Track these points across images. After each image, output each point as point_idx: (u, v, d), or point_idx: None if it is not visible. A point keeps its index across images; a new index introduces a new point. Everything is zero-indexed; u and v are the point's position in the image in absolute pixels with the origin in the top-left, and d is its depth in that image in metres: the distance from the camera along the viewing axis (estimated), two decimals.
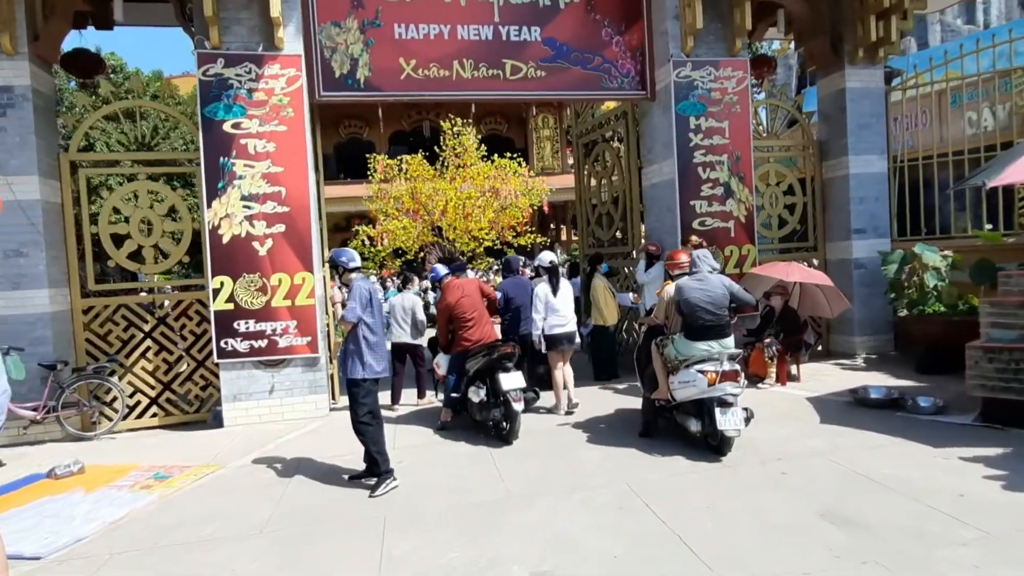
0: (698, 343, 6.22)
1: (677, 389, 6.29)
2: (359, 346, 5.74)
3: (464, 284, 7.52)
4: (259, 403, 8.19)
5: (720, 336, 6.25)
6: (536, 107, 34.57)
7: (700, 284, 6.30)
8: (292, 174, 8.15)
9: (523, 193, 20.88)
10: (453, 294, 7.41)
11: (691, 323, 6.22)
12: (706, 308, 6.19)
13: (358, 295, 5.71)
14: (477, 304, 7.42)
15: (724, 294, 6.29)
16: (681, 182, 9.20)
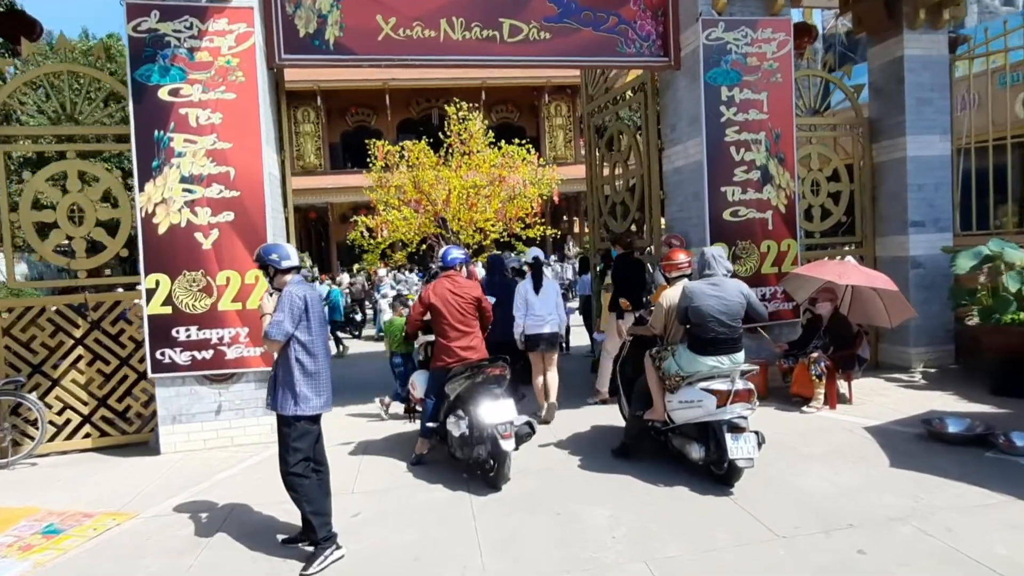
0: (706, 358, 5.25)
1: (677, 410, 5.38)
2: (290, 372, 4.29)
3: (462, 284, 6.03)
4: (203, 426, 6.76)
5: (732, 350, 5.30)
6: (548, 94, 33.03)
7: (715, 290, 5.27)
8: (243, 151, 6.68)
9: (532, 182, 19.33)
10: (442, 292, 5.94)
11: (700, 335, 5.24)
12: (720, 319, 5.20)
13: (288, 304, 4.24)
14: (468, 313, 5.95)
15: (741, 303, 5.31)
16: (710, 165, 7.65)
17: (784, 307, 7.93)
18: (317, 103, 31.97)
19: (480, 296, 6.02)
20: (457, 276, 6.06)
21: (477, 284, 6.21)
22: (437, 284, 6.07)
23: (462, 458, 5.54)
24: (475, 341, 5.91)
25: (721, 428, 5.01)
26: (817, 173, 8.74)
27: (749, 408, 5.09)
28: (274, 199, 7.15)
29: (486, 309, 6.07)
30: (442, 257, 6.17)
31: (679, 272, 5.75)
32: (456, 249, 6.21)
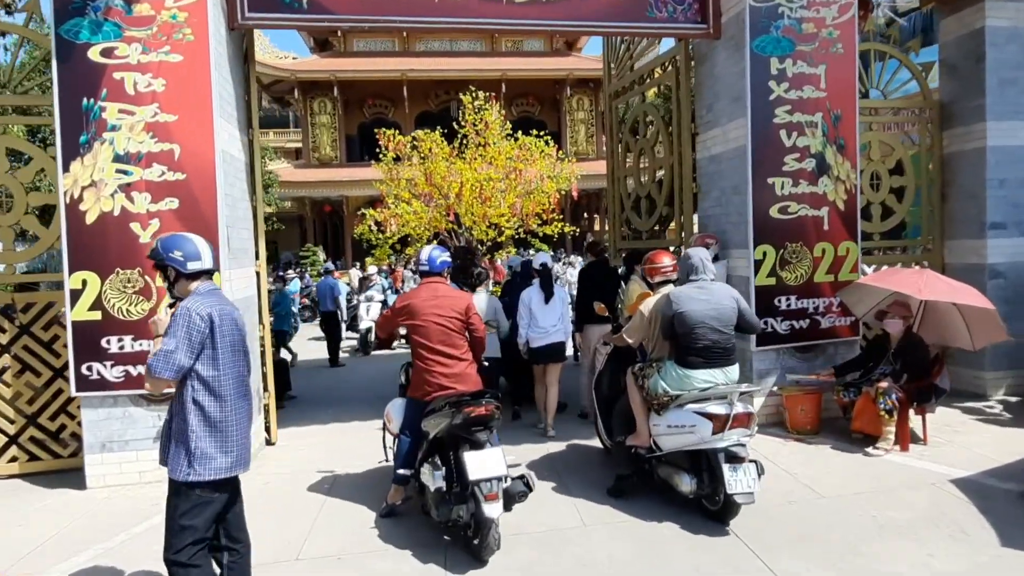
0: (697, 372, 4.55)
1: (665, 435, 4.62)
2: (184, 421, 3.04)
3: (448, 296, 4.73)
4: (139, 455, 5.54)
5: (725, 362, 4.62)
6: (570, 86, 31.66)
7: (703, 295, 4.63)
8: (190, 126, 5.44)
9: (550, 176, 17.96)
10: (422, 304, 4.66)
11: (688, 345, 4.56)
12: (711, 326, 4.55)
13: (185, 326, 2.99)
14: (454, 331, 4.65)
15: (732, 308, 4.68)
16: (756, 152, 6.28)
17: (840, 323, 6.54)
18: (334, 94, 30.87)
19: (470, 312, 4.72)
20: (441, 285, 4.79)
21: (467, 296, 4.88)
22: (417, 293, 4.79)
23: (439, 519, 4.24)
24: (461, 367, 4.62)
25: (717, 458, 4.30)
26: (879, 164, 7.33)
27: (748, 434, 4.41)
28: (232, 185, 5.90)
29: (477, 329, 4.77)
30: (425, 261, 4.86)
31: (663, 277, 5.01)
32: (440, 251, 4.91)
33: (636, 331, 4.93)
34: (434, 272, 4.80)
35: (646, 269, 5.14)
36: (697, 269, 4.69)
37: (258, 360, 6.55)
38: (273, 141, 38.57)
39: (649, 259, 5.10)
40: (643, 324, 4.85)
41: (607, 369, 5.73)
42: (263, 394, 6.65)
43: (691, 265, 4.71)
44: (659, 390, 4.60)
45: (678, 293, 4.61)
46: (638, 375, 4.85)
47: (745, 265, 6.41)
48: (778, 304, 6.40)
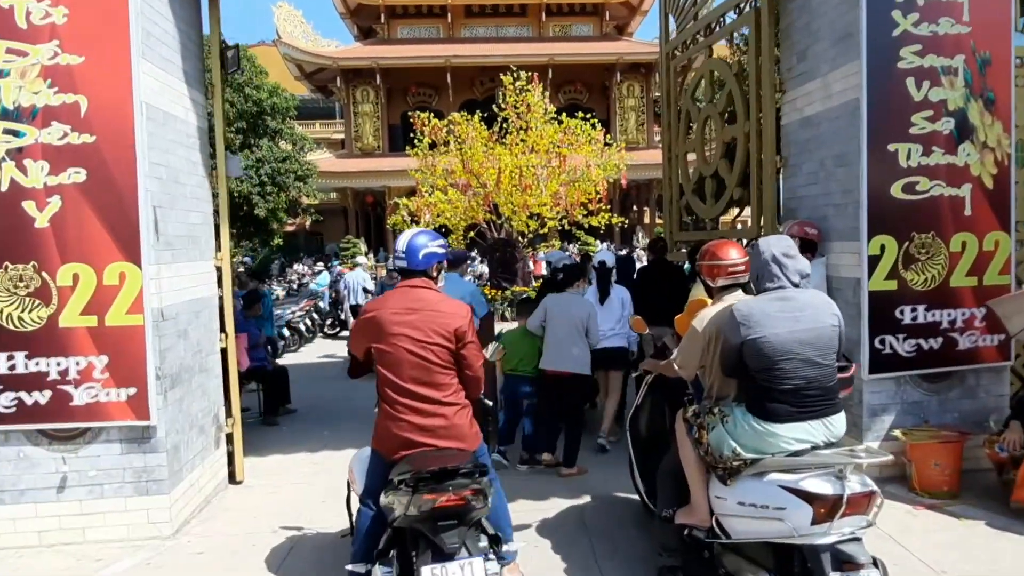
0: (785, 427, 2.88)
1: (735, 516, 3.00)
2: None
3: (432, 306, 3.13)
4: (39, 509, 4.11)
5: (827, 410, 2.94)
6: (620, 72, 29.77)
7: (788, 310, 2.94)
8: (102, 71, 3.98)
9: (597, 164, 16.20)
10: (391, 317, 3.09)
11: (770, 386, 2.91)
12: (805, 357, 2.90)
13: None
14: (436, 363, 3.08)
15: (834, 328, 3.00)
16: (873, 108, 4.50)
17: (984, 342, 4.73)
18: (376, 82, 29.59)
19: (463, 335, 3.11)
20: (425, 290, 3.18)
21: (459, 311, 3.18)
22: (385, 301, 3.21)
23: None
24: (442, 415, 3.05)
25: (819, 560, 2.70)
26: None
27: (867, 524, 2.78)
28: (169, 153, 4.41)
29: (469, 357, 3.15)
30: (402, 251, 3.22)
31: (728, 279, 3.28)
32: (429, 237, 3.27)
33: (690, 356, 3.30)
34: (415, 270, 3.20)
35: (703, 267, 3.38)
36: (771, 269, 2.96)
37: (218, 378, 5.09)
38: (319, 132, 37.63)
39: (709, 252, 3.37)
40: (698, 347, 3.22)
41: (646, 402, 4.20)
42: (225, 421, 5.18)
43: (763, 263, 2.98)
44: (726, 450, 2.99)
45: (748, 309, 2.96)
46: (692, 422, 3.23)
47: (853, 263, 4.66)
48: (899, 316, 4.62)
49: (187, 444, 4.47)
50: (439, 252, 3.24)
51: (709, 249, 3.38)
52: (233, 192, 20.98)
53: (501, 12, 30.95)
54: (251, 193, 21.64)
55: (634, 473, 4.26)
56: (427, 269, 3.20)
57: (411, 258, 3.18)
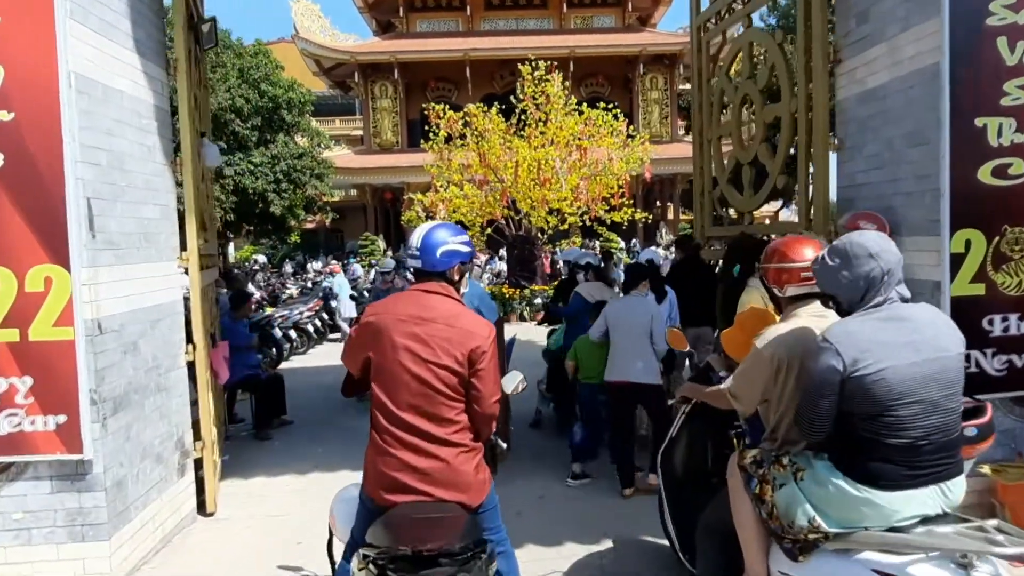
0: (892, 495, 2.07)
1: None
2: None
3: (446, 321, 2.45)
4: None
5: (949, 472, 2.12)
6: (644, 64, 28.78)
7: (904, 332, 2.11)
8: (23, 35, 3.28)
9: (620, 157, 15.34)
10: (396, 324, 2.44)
11: (877, 438, 2.08)
12: (930, 399, 2.08)
13: None
14: (442, 390, 2.38)
15: (960, 355, 2.18)
16: (956, 74, 3.67)
17: None
18: (395, 76, 28.91)
19: (480, 355, 2.42)
20: (442, 297, 2.52)
21: (484, 327, 2.50)
22: (390, 304, 2.56)
23: None
24: (442, 458, 2.38)
25: None
26: None
27: None
28: (114, 135, 3.70)
29: (482, 390, 2.44)
30: (416, 248, 2.54)
31: (804, 286, 2.50)
32: (450, 232, 2.58)
33: (750, 387, 2.53)
34: (431, 271, 2.51)
35: (769, 271, 2.61)
36: (884, 279, 2.17)
37: (183, 397, 4.39)
38: (338, 128, 37.14)
39: (776, 251, 2.59)
40: (763, 376, 2.46)
41: (683, 434, 3.45)
42: (192, 445, 4.49)
43: (866, 272, 2.17)
44: (799, 517, 2.21)
45: (851, 333, 2.15)
46: (752, 472, 2.46)
47: (931, 264, 3.82)
48: (988, 327, 3.77)
49: (137, 478, 3.78)
50: (462, 251, 2.55)
51: (777, 248, 2.61)
52: (248, 189, 20.50)
53: (521, 4, 30.12)
54: (267, 190, 21.07)
55: (665, 517, 3.51)
56: (446, 271, 2.52)
57: (427, 257, 2.49)
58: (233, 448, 6.28)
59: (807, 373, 2.21)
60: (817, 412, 2.15)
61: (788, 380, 2.40)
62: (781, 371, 2.40)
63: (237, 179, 20.40)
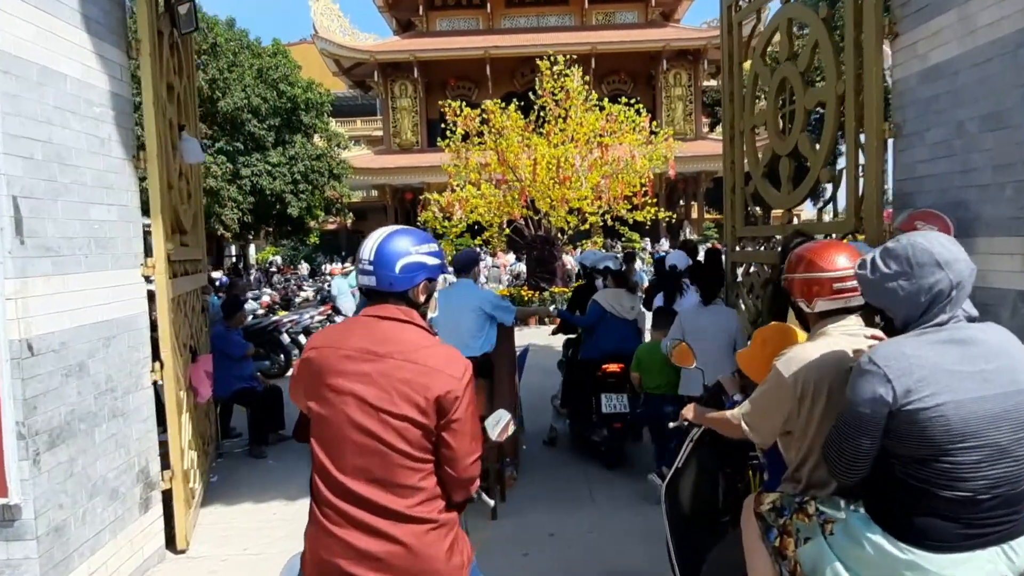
0: (944, 557, 1.65)
1: None
2: None
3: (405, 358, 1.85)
4: None
5: (1015, 532, 1.66)
6: (667, 60, 28.04)
7: (971, 362, 1.68)
8: None
9: (643, 152, 14.67)
10: (338, 363, 1.85)
11: (928, 487, 1.69)
12: (994, 442, 1.64)
13: None
14: (398, 448, 1.79)
15: None
16: None
17: None
18: (414, 75, 28.49)
19: (451, 403, 1.82)
20: (402, 324, 1.93)
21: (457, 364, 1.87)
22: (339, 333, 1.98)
23: None
24: (400, 542, 1.78)
25: None
26: None
27: None
28: (54, 125, 3.18)
29: (456, 447, 1.86)
30: (369, 259, 1.94)
31: (838, 300, 2.08)
32: (411, 239, 1.97)
33: (768, 416, 2.13)
34: (390, 290, 1.94)
35: (794, 282, 2.16)
36: (947, 291, 1.72)
37: (146, 422, 3.88)
38: (360, 129, 36.85)
39: (803, 259, 2.14)
40: (785, 403, 2.06)
41: (690, 465, 2.90)
42: (160, 475, 3.98)
43: (933, 278, 1.73)
44: None
45: (903, 356, 1.72)
46: (771, 522, 2.06)
47: (1012, 269, 3.17)
48: None
49: (84, 519, 3.26)
50: (429, 264, 1.97)
51: (804, 255, 2.14)
52: (265, 190, 20.14)
53: (542, 1, 29.53)
54: (284, 191, 20.72)
55: (671, 556, 2.93)
56: (409, 291, 1.94)
57: (383, 272, 1.91)
58: (225, 467, 5.80)
59: (845, 402, 1.79)
60: (854, 451, 1.75)
61: (815, 410, 2.00)
62: (807, 398, 1.99)
63: (254, 180, 20.06)
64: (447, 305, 4.67)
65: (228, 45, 19.31)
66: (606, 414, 5.30)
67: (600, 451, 5.43)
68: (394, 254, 1.90)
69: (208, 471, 5.35)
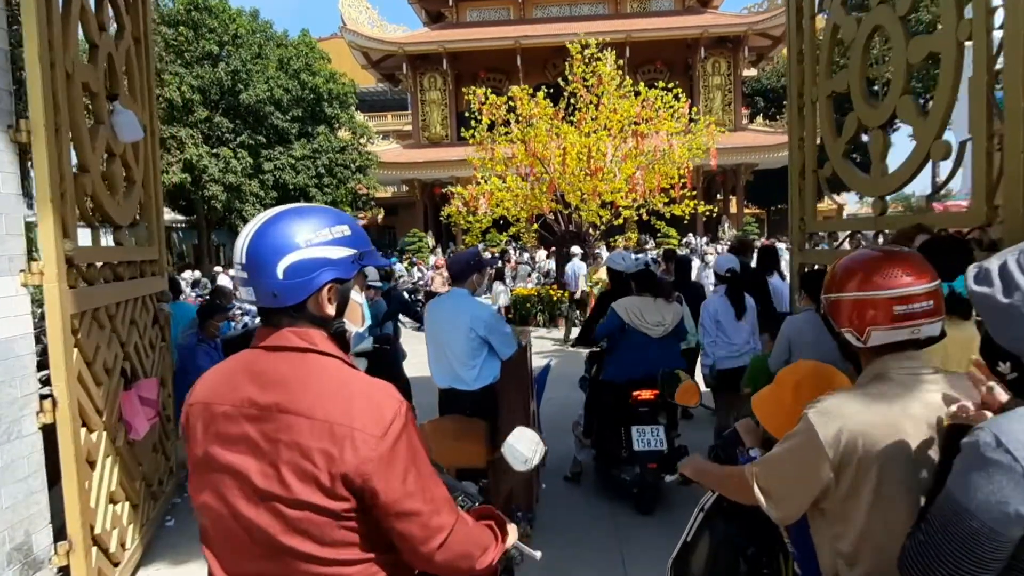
0: None
1: None
2: None
3: (301, 395, 1.24)
4: None
5: None
6: (705, 48, 26.59)
7: None
8: None
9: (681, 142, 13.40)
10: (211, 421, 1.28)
11: None
12: None
13: None
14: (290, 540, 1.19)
15: None
16: None
17: None
18: (443, 67, 27.49)
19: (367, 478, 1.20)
20: (296, 355, 1.29)
21: (381, 415, 1.20)
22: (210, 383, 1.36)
23: None
24: None
25: None
26: None
27: None
28: None
29: (411, 536, 1.25)
30: (247, 255, 1.26)
31: (903, 329, 1.40)
32: (304, 219, 1.29)
33: (790, 484, 1.52)
34: (272, 305, 1.29)
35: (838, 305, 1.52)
36: None
37: (28, 480, 2.88)
38: (391, 124, 36.05)
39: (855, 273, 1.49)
40: (815, 470, 1.43)
41: (702, 539, 2.13)
42: (52, 547, 2.98)
43: None
44: None
45: None
46: None
47: None
48: None
49: None
50: (335, 256, 1.32)
51: (853, 267, 1.52)
52: (288, 184, 19.33)
53: None
54: (308, 185, 19.90)
55: None
56: (306, 301, 1.31)
57: (259, 278, 1.28)
58: (184, 508, 4.80)
59: (946, 503, 1.14)
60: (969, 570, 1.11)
61: (863, 488, 1.42)
62: (848, 468, 1.43)
63: (277, 174, 19.28)
64: (432, 323, 3.61)
65: (252, 37, 18.52)
66: (638, 451, 4.29)
67: (632, 493, 4.41)
68: (274, 250, 1.26)
69: (158, 516, 4.37)
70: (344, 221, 1.34)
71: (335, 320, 1.34)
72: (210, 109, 18.07)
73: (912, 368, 1.46)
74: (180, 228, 23.38)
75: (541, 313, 13.81)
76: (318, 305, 1.30)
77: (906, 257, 1.51)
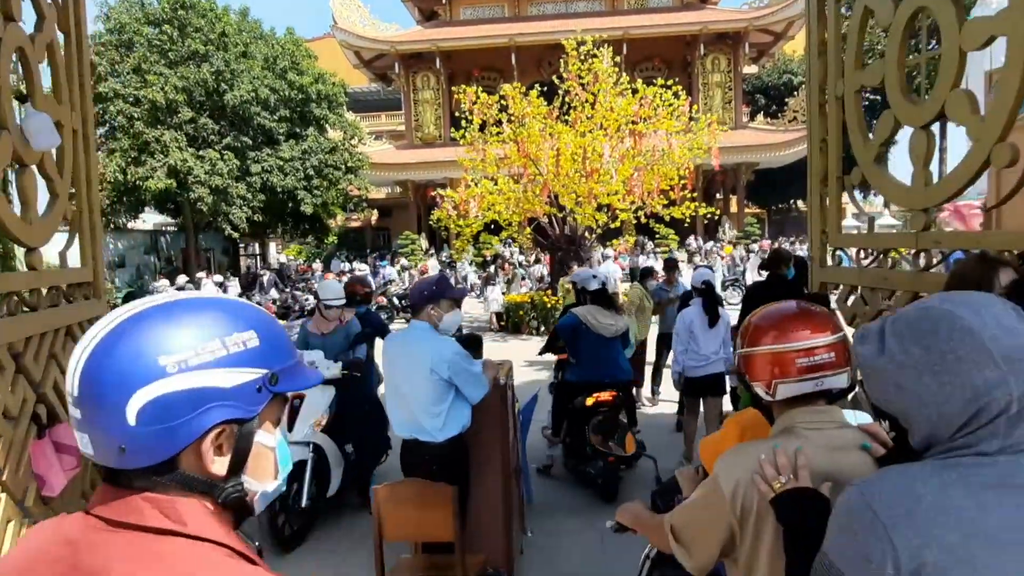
0: None
1: None
2: None
3: None
4: None
5: None
6: (704, 44, 26.02)
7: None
8: None
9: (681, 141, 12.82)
10: None
11: None
12: None
13: None
14: None
15: None
16: None
17: None
18: (436, 66, 26.92)
19: None
20: (152, 538, 0.76)
21: None
22: None
23: None
24: None
25: None
26: None
27: None
28: None
29: None
30: (79, 390, 0.76)
31: (807, 381, 1.48)
32: (177, 323, 0.80)
33: (703, 533, 1.47)
34: (118, 467, 0.80)
35: (753, 361, 1.52)
36: (1006, 403, 0.91)
37: None
38: (384, 124, 35.46)
39: (759, 327, 1.53)
40: (718, 523, 1.43)
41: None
42: None
43: (980, 378, 0.91)
44: None
45: (915, 506, 0.93)
46: None
47: None
48: None
49: None
50: (230, 387, 0.83)
51: (758, 324, 1.54)
52: (276, 187, 18.75)
53: None
54: (296, 188, 19.30)
55: None
56: (177, 457, 0.82)
57: (96, 421, 0.79)
58: None
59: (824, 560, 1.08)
60: None
61: (762, 537, 1.39)
62: (749, 519, 1.40)
63: (264, 176, 18.67)
64: (388, 364, 3.02)
65: (239, 36, 17.92)
66: (599, 449, 4.78)
67: (597, 483, 4.95)
68: (121, 379, 0.78)
69: None
70: (250, 324, 0.86)
71: (227, 482, 0.85)
72: (195, 110, 17.46)
73: (818, 422, 1.47)
74: (168, 232, 22.74)
75: (534, 320, 13.28)
76: (198, 461, 0.83)
77: (811, 312, 1.53)
